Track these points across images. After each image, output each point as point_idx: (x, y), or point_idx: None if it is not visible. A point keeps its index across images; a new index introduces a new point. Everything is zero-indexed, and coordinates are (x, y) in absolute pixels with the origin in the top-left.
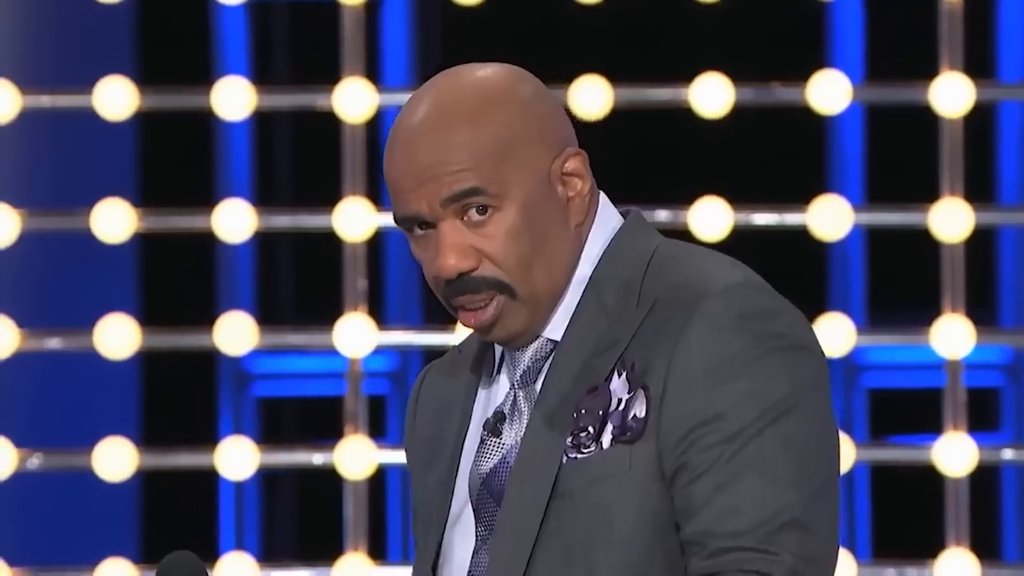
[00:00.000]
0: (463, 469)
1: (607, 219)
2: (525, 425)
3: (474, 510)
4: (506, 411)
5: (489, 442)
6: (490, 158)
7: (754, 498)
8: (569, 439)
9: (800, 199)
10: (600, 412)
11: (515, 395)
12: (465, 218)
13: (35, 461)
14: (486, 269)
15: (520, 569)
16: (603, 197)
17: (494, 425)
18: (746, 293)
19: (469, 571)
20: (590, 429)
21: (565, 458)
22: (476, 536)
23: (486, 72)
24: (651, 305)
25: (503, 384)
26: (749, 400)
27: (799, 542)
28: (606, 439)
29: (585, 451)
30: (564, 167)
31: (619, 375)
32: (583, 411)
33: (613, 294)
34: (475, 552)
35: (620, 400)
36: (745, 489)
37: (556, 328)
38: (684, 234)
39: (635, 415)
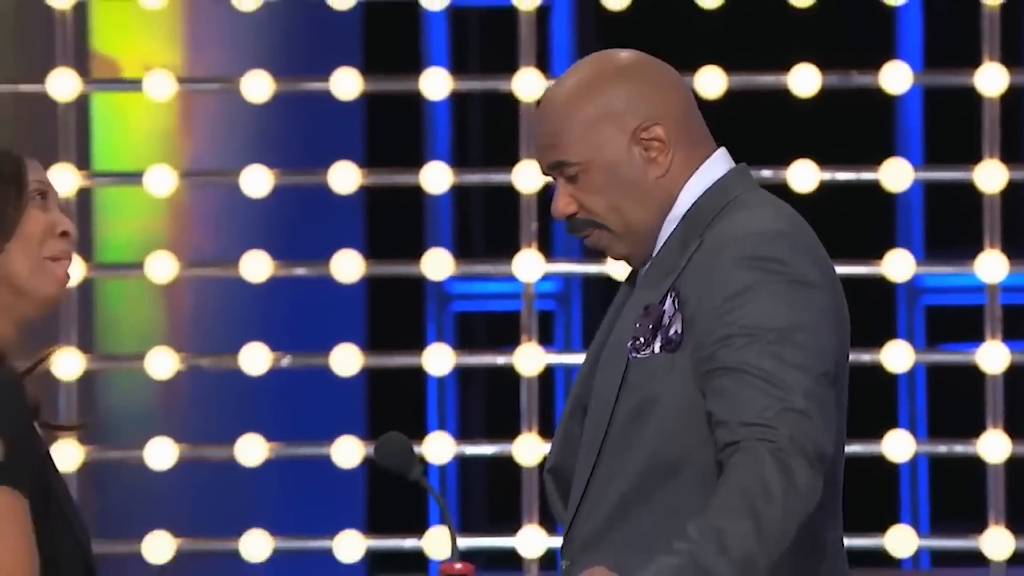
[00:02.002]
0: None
1: (710, 171)
2: None
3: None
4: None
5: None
6: (573, 135)
7: (763, 391)
8: (630, 343)
9: (873, 160)
10: (651, 326)
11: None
12: (564, 177)
13: (286, 361)
14: (583, 213)
15: (600, 435)
16: (717, 154)
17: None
18: (761, 239)
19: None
20: (644, 338)
21: (630, 356)
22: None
23: (587, 67)
24: (699, 244)
25: None
26: (758, 320)
27: (796, 423)
28: (656, 347)
29: (643, 353)
30: (642, 135)
31: (670, 298)
32: (641, 324)
33: (688, 231)
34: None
35: (668, 318)
36: (757, 384)
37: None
38: (783, 188)
39: (676, 331)
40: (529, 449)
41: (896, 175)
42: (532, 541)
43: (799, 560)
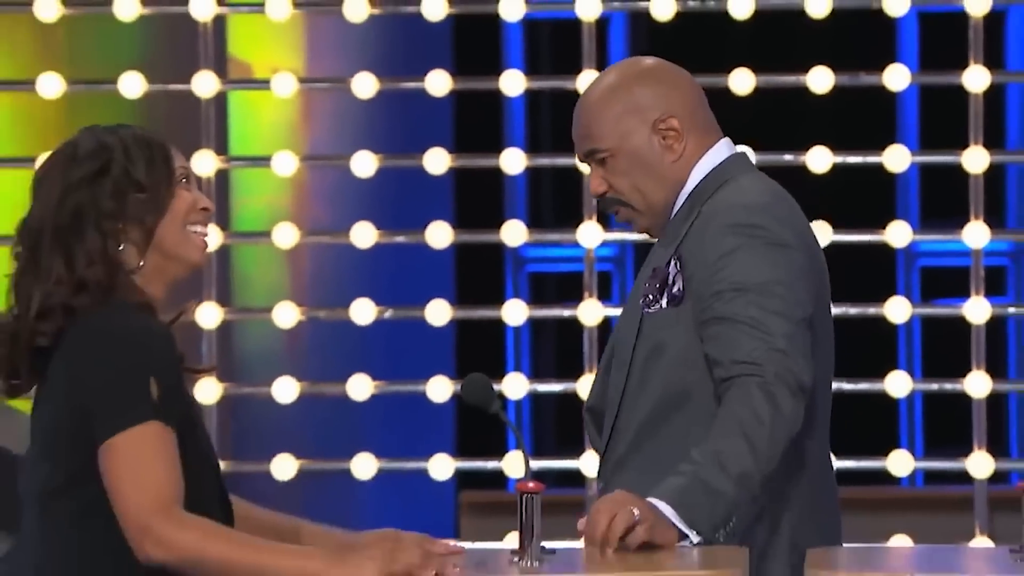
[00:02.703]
0: None
1: (715, 155)
2: None
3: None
4: None
5: None
6: (604, 128)
7: (751, 335)
8: (642, 300)
9: (877, 146)
10: (658, 285)
11: None
12: (595, 162)
13: (388, 313)
14: (612, 192)
15: (623, 377)
16: (722, 142)
17: None
18: (745, 209)
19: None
20: (653, 295)
21: (643, 312)
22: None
23: (614, 72)
24: (698, 215)
25: None
26: (743, 276)
27: (779, 361)
28: (663, 303)
29: (652, 308)
30: (660, 126)
31: (673, 261)
32: (650, 284)
33: (692, 205)
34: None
35: (672, 278)
36: (745, 330)
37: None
38: (802, 169)
39: (678, 288)
40: (590, 387)
41: (896, 158)
42: (593, 463)
43: (788, 473)
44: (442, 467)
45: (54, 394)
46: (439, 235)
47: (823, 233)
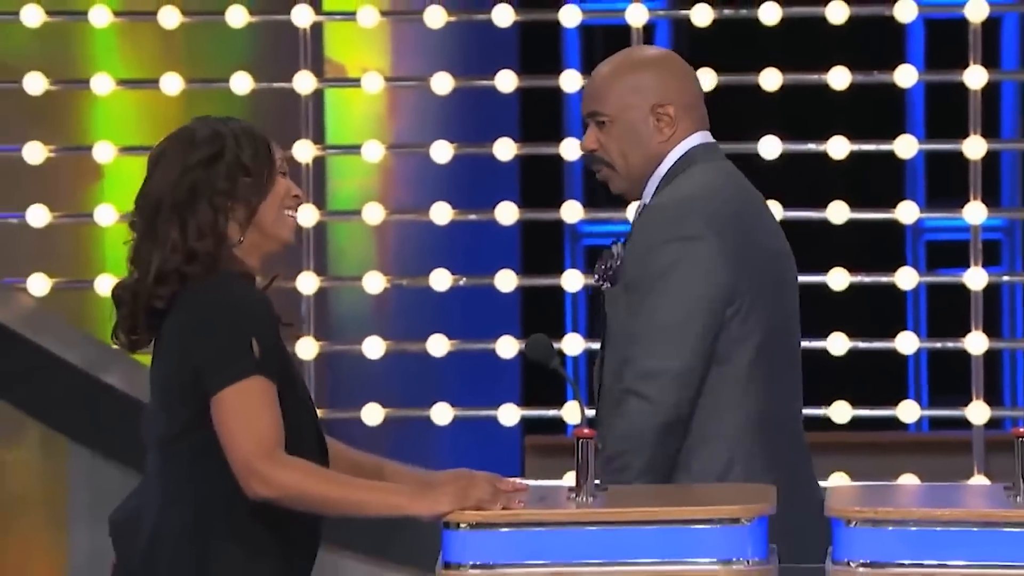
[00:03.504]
0: None
1: (689, 143)
2: None
3: None
4: None
5: None
6: (608, 97)
7: (640, 336)
8: (598, 276)
9: (890, 136)
10: (607, 265)
11: None
12: (595, 123)
13: (463, 281)
14: (601, 152)
15: (601, 346)
16: (700, 134)
17: None
18: (667, 205)
19: None
20: (605, 275)
21: (603, 288)
22: None
23: (633, 53)
24: (645, 206)
25: None
26: (646, 271)
27: (647, 366)
28: (613, 281)
29: (606, 286)
30: (657, 109)
31: (622, 242)
32: (602, 262)
33: (659, 189)
34: None
35: (617, 259)
36: (640, 325)
37: (648, 199)
38: (823, 156)
39: (615, 271)
40: None
41: (905, 146)
42: None
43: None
44: (509, 415)
45: (168, 352)
46: (506, 213)
47: (839, 212)
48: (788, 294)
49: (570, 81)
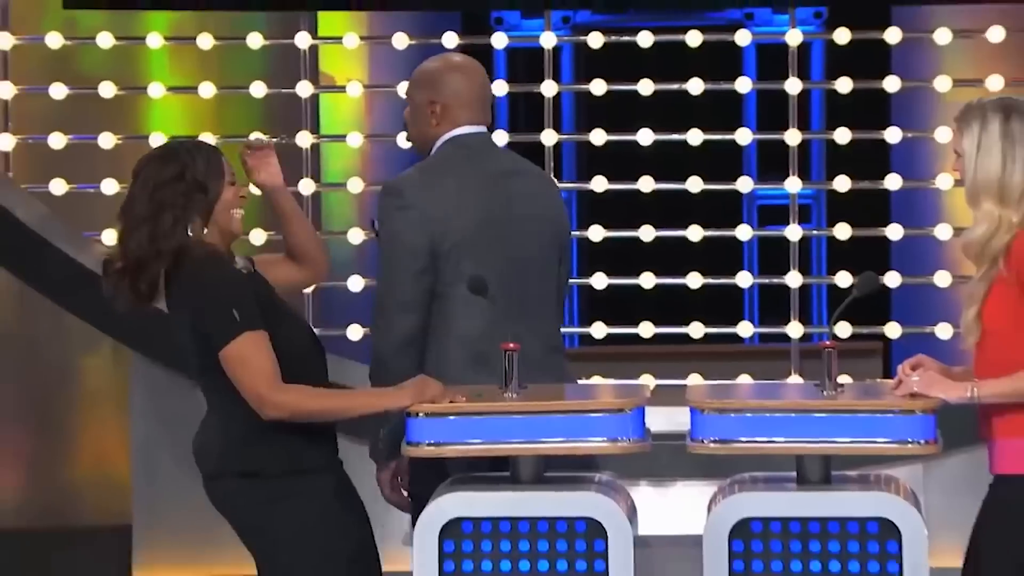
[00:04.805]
0: None
1: (456, 132)
2: None
3: None
4: None
5: None
6: (416, 85)
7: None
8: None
9: (731, 129)
10: None
11: None
12: (408, 100)
13: None
14: (406, 120)
15: None
16: (467, 127)
17: None
18: (386, 185)
19: None
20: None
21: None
22: None
23: (440, 58)
24: None
25: None
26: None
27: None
28: None
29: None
30: (430, 102)
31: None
32: None
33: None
34: None
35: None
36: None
37: None
38: (684, 143)
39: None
40: None
41: (743, 136)
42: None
43: None
44: None
45: (180, 314)
46: None
47: (695, 184)
48: (521, 244)
49: (498, 88)
